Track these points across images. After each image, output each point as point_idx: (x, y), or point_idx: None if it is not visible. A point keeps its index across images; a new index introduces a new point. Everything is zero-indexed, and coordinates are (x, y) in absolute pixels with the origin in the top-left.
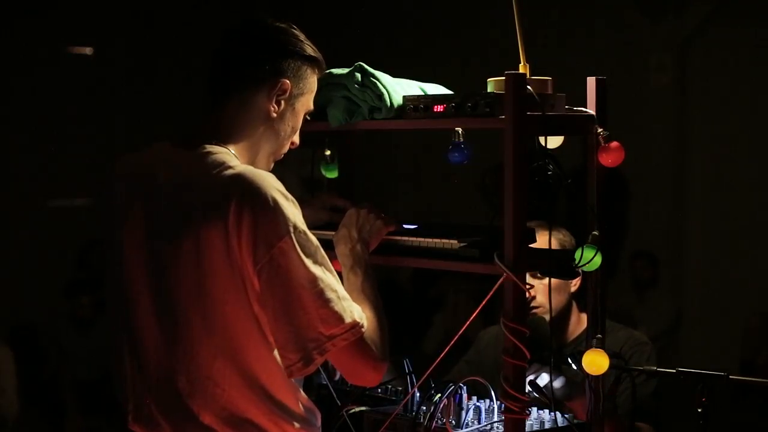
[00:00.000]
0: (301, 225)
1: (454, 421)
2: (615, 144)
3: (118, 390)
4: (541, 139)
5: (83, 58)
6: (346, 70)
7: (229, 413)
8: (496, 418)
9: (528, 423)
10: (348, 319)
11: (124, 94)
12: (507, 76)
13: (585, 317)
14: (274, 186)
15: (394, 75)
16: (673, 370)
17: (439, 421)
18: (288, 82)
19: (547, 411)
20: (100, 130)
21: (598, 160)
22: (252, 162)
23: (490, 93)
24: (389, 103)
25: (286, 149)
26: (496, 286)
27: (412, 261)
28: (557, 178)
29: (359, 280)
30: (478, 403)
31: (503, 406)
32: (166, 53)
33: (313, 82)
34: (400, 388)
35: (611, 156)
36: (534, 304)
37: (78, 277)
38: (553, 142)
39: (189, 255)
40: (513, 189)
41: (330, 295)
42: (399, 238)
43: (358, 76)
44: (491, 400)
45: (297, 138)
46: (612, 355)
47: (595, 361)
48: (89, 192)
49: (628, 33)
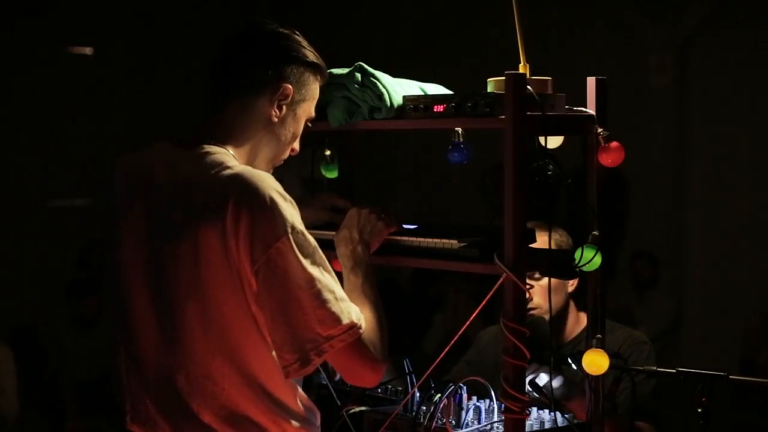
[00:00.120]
0: (299, 225)
1: (454, 421)
2: (615, 144)
3: (117, 390)
4: (541, 139)
5: (83, 58)
6: (346, 70)
7: (228, 412)
8: (496, 418)
9: (528, 423)
10: (345, 320)
11: (124, 94)
12: (507, 76)
13: (583, 317)
14: (272, 186)
15: (394, 75)
16: (673, 370)
17: (439, 421)
18: (290, 87)
19: (547, 411)
20: (100, 130)
21: (598, 160)
22: (251, 165)
23: (490, 93)
24: (389, 103)
25: (285, 155)
26: (496, 286)
27: (412, 261)
28: (557, 178)
29: (359, 281)
30: (478, 403)
31: (503, 406)
32: (166, 53)
33: (315, 89)
34: (400, 388)
35: (611, 156)
36: (531, 305)
37: (80, 278)
38: (553, 142)
39: (187, 255)
40: (513, 189)
41: (327, 295)
42: (399, 238)
43: (358, 76)
44: (491, 400)
45: (297, 145)
46: (612, 355)
47: (595, 361)
48: (89, 192)
49: (628, 33)
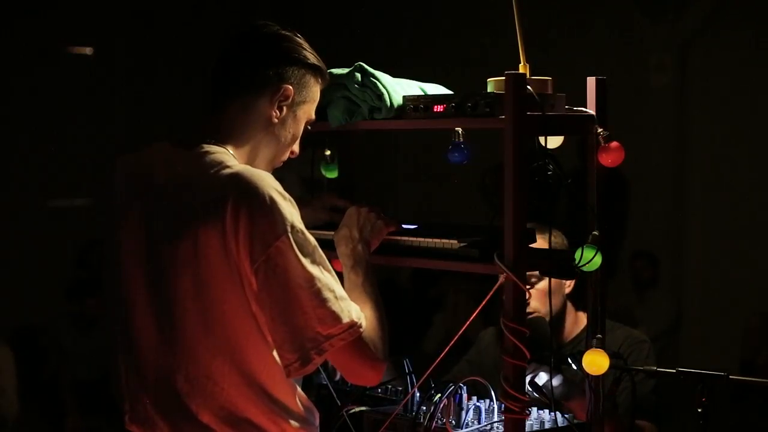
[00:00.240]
0: (299, 224)
1: (454, 421)
2: (615, 144)
3: (116, 390)
4: (541, 139)
5: (83, 58)
6: (346, 70)
7: (228, 412)
8: (496, 418)
9: (528, 423)
10: (346, 319)
11: (124, 94)
12: (507, 76)
13: (582, 317)
14: (271, 185)
15: (394, 75)
16: (673, 370)
17: (439, 421)
18: (291, 88)
19: (547, 411)
20: (100, 130)
21: (598, 160)
22: (250, 166)
23: (490, 93)
24: (389, 103)
25: (285, 157)
26: (496, 286)
27: (412, 261)
28: (557, 178)
29: (360, 279)
30: (478, 403)
31: (503, 406)
32: (166, 53)
33: (315, 91)
34: (400, 388)
35: (611, 156)
36: (528, 309)
37: (80, 278)
38: (553, 142)
39: (187, 254)
40: (513, 189)
41: (327, 294)
42: (399, 238)
43: (358, 76)
44: (491, 400)
45: (297, 147)
46: (612, 355)
47: (596, 361)
48: (89, 192)
49: (628, 33)
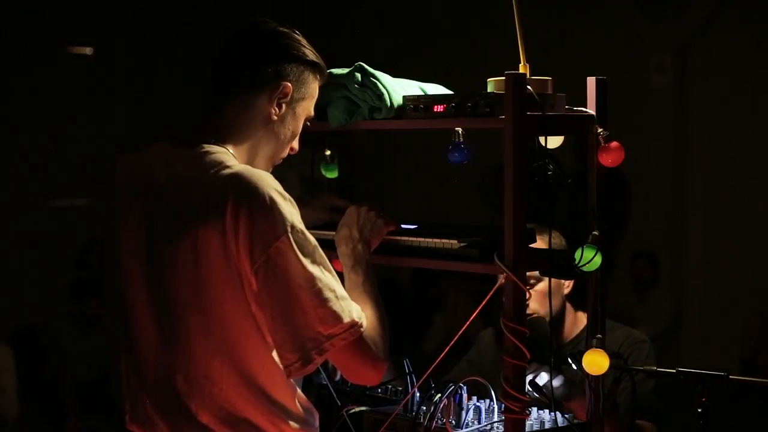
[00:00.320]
0: (299, 224)
1: (454, 421)
2: (615, 144)
3: (116, 390)
4: (541, 139)
5: (83, 58)
6: (346, 70)
7: (227, 413)
8: (496, 418)
9: (528, 423)
10: (346, 319)
11: (124, 94)
12: (507, 76)
13: (582, 317)
14: (271, 185)
15: (394, 75)
16: (673, 370)
17: (439, 421)
18: (290, 85)
19: (547, 411)
20: (100, 130)
21: (598, 160)
22: (251, 164)
23: (490, 93)
24: (389, 103)
25: (285, 154)
26: (496, 286)
27: (412, 261)
28: (557, 178)
29: (360, 279)
30: (478, 403)
31: (503, 406)
32: (166, 53)
33: (314, 88)
34: (400, 388)
35: (611, 156)
36: (527, 311)
37: (81, 278)
38: (553, 142)
39: (187, 255)
40: (513, 189)
41: (328, 294)
42: (399, 238)
43: (358, 76)
44: (491, 400)
45: (296, 143)
46: (612, 355)
47: (596, 361)
48: (89, 192)
49: (628, 33)
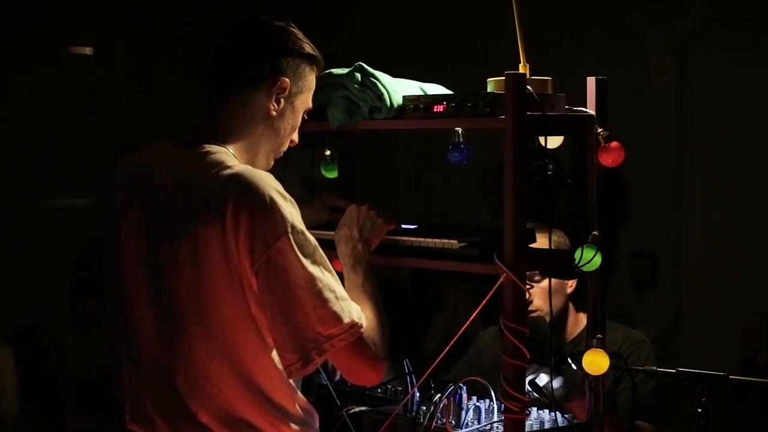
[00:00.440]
0: (299, 225)
1: (454, 421)
2: (615, 144)
3: (116, 389)
4: (541, 139)
5: (83, 58)
6: (346, 70)
7: (226, 413)
8: (496, 418)
9: (528, 423)
10: (346, 320)
11: (124, 94)
12: (507, 76)
13: (583, 317)
14: (271, 185)
15: (394, 75)
16: (673, 370)
17: (439, 421)
18: (287, 80)
19: (547, 411)
20: (100, 130)
21: (598, 160)
22: (252, 161)
23: (490, 93)
24: (389, 103)
25: (285, 147)
26: (496, 286)
27: (412, 261)
28: (557, 178)
29: (360, 279)
30: (478, 403)
31: (503, 406)
32: (166, 53)
33: (311, 80)
34: (400, 388)
35: (611, 156)
36: (531, 307)
37: (82, 278)
38: (553, 142)
39: (187, 255)
40: (513, 189)
41: (328, 295)
42: (399, 238)
43: (358, 76)
44: (491, 400)
45: (296, 136)
46: (612, 355)
47: (596, 361)
48: (89, 192)
49: (628, 33)
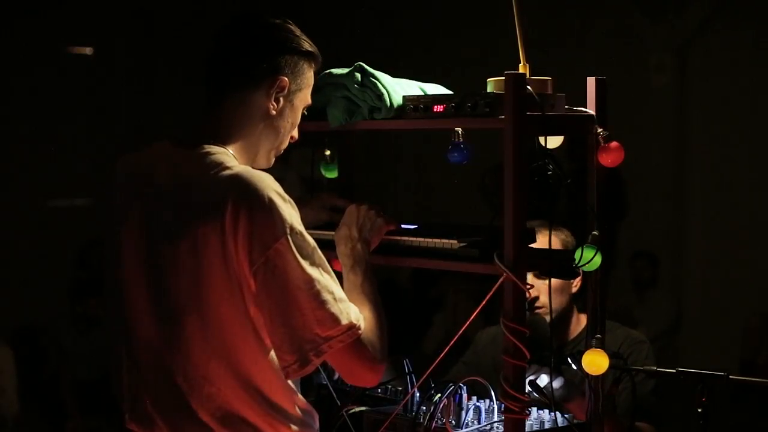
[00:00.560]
0: (298, 226)
1: (454, 421)
2: (615, 144)
3: (116, 389)
4: (541, 139)
5: (83, 58)
6: (346, 70)
7: (225, 413)
8: (496, 418)
9: (528, 423)
10: (344, 321)
11: (124, 94)
12: (507, 76)
13: (583, 318)
14: (271, 187)
15: (394, 75)
16: (673, 370)
17: (439, 421)
18: (286, 78)
19: (547, 411)
20: (100, 130)
21: (598, 160)
22: (252, 160)
23: (490, 93)
24: (389, 103)
25: (286, 145)
26: (496, 286)
27: (412, 261)
28: (557, 178)
29: (359, 279)
30: (478, 403)
31: (503, 406)
32: (166, 53)
33: (310, 76)
34: (400, 388)
35: (611, 156)
36: (538, 304)
37: (82, 278)
38: (553, 142)
39: (186, 255)
40: (513, 189)
41: (326, 296)
42: (399, 238)
43: (358, 76)
44: (491, 400)
45: (296, 132)
46: (611, 355)
47: (595, 361)
48: (89, 192)
49: (628, 33)
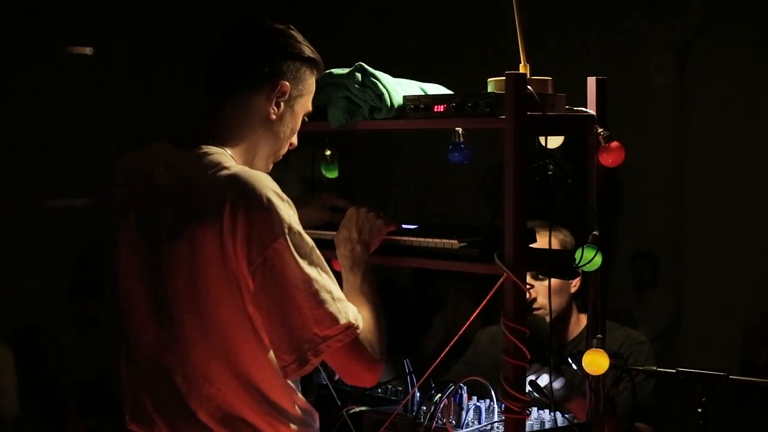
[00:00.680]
0: (296, 226)
1: (454, 421)
2: (615, 144)
3: (116, 389)
4: (541, 139)
5: (83, 58)
6: (346, 70)
7: (225, 413)
8: (496, 418)
9: (528, 423)
10: (343, 321)
11: (124, 94)
12: (507, 76)
13: (583, 318)
14: (269, 186)
15: (394, 75)
16: (673, 370)
17: (439, 421)
18: (287, 83)
19: (547, 411)
20: (100, 130)
21: (598, 160)
22: (250, 163)
23: (490, 93)
24: (389, 103)
25: (284, 151)
26: (496, 286)
27: (412, 261)
28: (558, 178)
29: (358, 280)
30: (478, 403)
31: (503, 406)
32: (166, 53)
33: (311, 83)
34: (400, 388)
35: (611, 156)
36: (536, 305)
37: (82, 278)
38: (553, 142)
39: (185, 255)
40: (513, 189)
41: (324, 296)
42: (399, 238)
43: (359, 76)
44: (491, 400)
45: (295, 139)
46: (612, 355)
47: (595, 361)
48: (89, 192)
49: (628, 33)
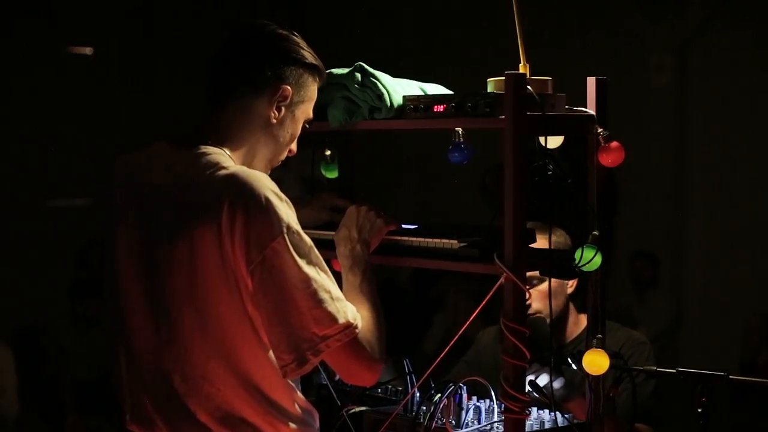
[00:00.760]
0: (295, 225)
1: (454, 421)
2: (615, 144)
3: (116, 389)
4: (541, 139)
5: (83, 58)
6: (346, 70)
7: (224, 413)
8: (496, 418)
9: (528, 423)
10: (341, 320)
11: (124, 94)
12: (507, 76)
13: (583, 318)
14: (267, 186)
15: (394, 75)
16: (673, 370)
17: (439, 421)
18: (289, 88)
19: (547, 411)
20: (100, 130)
21: (598, 160)
22: (249, 166)
23: (490, 93)
24: (389, 103)
25: (283, 156)
26: (496, 286)
27: (412, 261)
28: (558, 178)
29: (357, 280)
30: (478, 403)
31: (503, 406)
32: (165, 53)
33: (313, 90)
34: (400, 388)
35: (611, 156)
36: (531, 311)
37: (82, 278)
38: (553, 142)
39: (183, 255)
40: (513, 189)
41: (323, 295)
42: (399, 238)
43: (358, 76)
44: (491, 400)
45: (294, 146)
46: (612, 355)
47: (596, 361)
48: (89, 192)
49: (628, 33)
